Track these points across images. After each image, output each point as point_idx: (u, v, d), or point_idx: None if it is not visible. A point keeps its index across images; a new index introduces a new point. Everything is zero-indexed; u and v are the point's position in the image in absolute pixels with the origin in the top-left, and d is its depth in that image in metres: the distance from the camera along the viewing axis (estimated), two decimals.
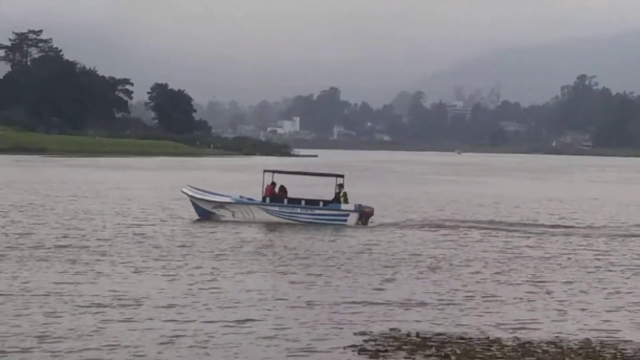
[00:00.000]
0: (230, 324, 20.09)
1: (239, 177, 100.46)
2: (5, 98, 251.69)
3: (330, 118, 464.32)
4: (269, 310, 21.97)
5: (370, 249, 34.32)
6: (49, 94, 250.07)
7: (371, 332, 19.98)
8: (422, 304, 23.42)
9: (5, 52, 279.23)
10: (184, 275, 26.77)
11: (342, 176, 45.85)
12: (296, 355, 17.95)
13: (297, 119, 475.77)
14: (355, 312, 22.03)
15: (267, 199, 44.72)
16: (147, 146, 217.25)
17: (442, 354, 17.95)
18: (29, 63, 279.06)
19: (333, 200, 44.95)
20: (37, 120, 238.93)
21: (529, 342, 19.23)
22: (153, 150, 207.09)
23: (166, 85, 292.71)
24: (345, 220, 43.49)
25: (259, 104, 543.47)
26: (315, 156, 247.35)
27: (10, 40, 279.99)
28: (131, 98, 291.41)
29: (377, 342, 18.95)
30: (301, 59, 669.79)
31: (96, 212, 46.84)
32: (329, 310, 22.10)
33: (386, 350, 18.29)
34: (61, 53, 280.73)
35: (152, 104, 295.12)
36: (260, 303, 22.74)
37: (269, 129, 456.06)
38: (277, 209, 44.18)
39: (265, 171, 46.00)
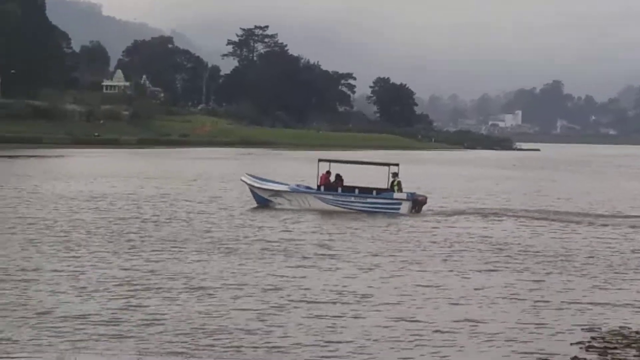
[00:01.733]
0: (458, 322, 20.02)
1: (458, 170, 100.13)
2: (232, 93, 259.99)
3: (552, 111, 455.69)
4: (491, 306, 21.86)
5: (594, 248, 33.37)
6: (274, 89, 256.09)
7: (599, 329, 19.64)
8: None
9: (233, 47, 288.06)
10: (412, 271, 26.89)
11: (397, 165, 46.05)
12: (523, 345, 17.92)
13: (519, 112, 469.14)
14: (580, 310, 21.65)
15: (322, 188, 45.29)
16: (368, 139, 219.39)
17: None
18: (255, 58, 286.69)
19: (387, 189, 45.19)
20: (263, 115, 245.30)
21: None
22: (374, 143, 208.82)
23: (388, 79, 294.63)
24: (398, 209, 43.78)
25: (480, 97, 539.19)
26: (538, 150, 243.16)
27: (237, 36, 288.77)
28: (354, 92, 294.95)
29: (605, 340, 18.61)
30: (523, 51, 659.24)
31: None
32: (553, 307, 21.81)
33: (615, 348, 17.94)
34: (286, 48, 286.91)
35: (374, 98, 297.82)
36: (486, 300, 22.64)
37: (490, 123, 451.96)
38: (331, 197, 44.82)
39: (320, 160, 46.43)
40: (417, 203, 44.53)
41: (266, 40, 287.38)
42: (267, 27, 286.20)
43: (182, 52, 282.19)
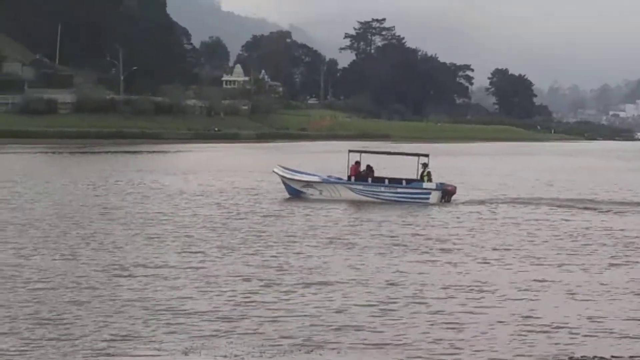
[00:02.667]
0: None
1: (587, 162, 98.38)
2: (350, 86, 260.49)
3: None
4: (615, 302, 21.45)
5: None
6: (392, 82, 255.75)
7: None
8: None
9: (351, 41, 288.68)
10: (534, 266, 26.57)
11: (427, 155, 46.44)
12: None
13: None
14: None
15: (352, 178, 45.81)
16: (487, 131, 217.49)
17: None
18: (372, 51, 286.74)
19: (417, 179, 45.63)
20: (380, 107, 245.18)
21: None
22: (493, 135, 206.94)
23: (506, 70, 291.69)
24: (428, 198, 44.34)
25: (600, 87, 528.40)
26: None
27: (355, 29, 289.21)
28: (472, 84, 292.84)
29: None
30: None
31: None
32: None
33: None
34: (403, 41, 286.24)
35: (492, 89, 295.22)
36: (609, 295, 22.21)
37: (610, 113, 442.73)
38: (361, 187, 45.47)
39: (350, 151, 47.21)
40: (447, 193, 45.05)
41: (383, 33, 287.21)
42: (384, 19, 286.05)
43: (300, 46, 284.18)
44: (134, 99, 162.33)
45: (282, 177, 47.04)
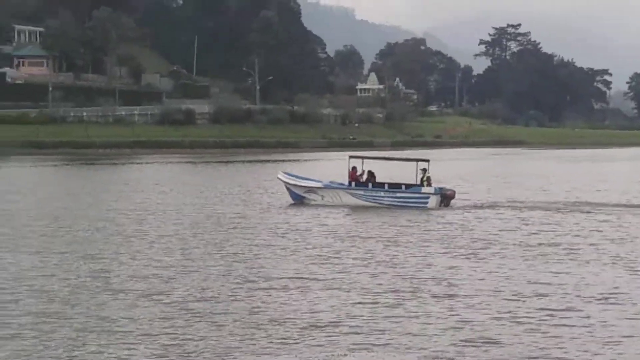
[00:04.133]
0: None
1: None
2: (485, 93, 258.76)
3: None
4: None
5: None
6: (528, 88, 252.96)
7: None
8: None
9: (486, 47, 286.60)
10: None
11: (427, 161, 46.76)
12: None
13: None
14: None
15: (353, 184, 46.29)
16: (625, 137, 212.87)
17: None
18: (508, 57, 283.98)
19: (415, 184, 46.03)
20: (516, 114, 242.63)
21: None
22: (631, 140, 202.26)
23: None
24: (426, 203, 44.68)
25: None
26: None
27: (490, 35, 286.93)
28: (610, 88, 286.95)
29: None
30: None
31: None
32: None
33: None
34: (539, 46, 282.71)
35: (631, 93, 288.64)
36: None
37: None
38: (362, 192, 45.99)
39: (350, 157, 47.86)
40: (446, 197, 45.39)
41: (519, 38, 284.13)
42: (519, 25, 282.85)
43: (434, 53, 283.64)
44: (269, 108, 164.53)
45: (286, 183, 47.75)
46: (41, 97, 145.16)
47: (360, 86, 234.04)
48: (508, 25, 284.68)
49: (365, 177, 46.69)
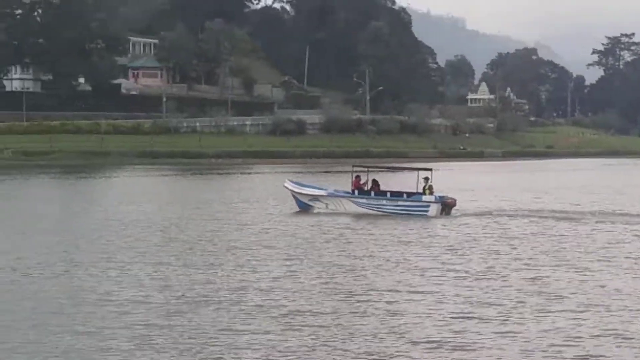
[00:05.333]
0: None
1: None
2: (598, 103, 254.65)
3: None
4: None
5: None
6: None
7: None
8: None
9: (598, 56, 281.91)
10: None
11: (430, 170, 47.62)
12: None
13: None
14: None
15: (356, 192, 47.28)
16: None
17: None
18: (621, 67, 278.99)
19: (417, 192, 46.66)
20: (630, 124, 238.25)
21: None
22: None
23: None
24: (427, 211, 45.23)
25: None
26: None
27: (602, 44, 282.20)
28: None
29: None
30: None
31: None
32: None
33: None
34: None
35: None
36: None
37: None
38: (364, 200, 46.87)
39: (354, 166, 49.97)
40: (446, 205, 45.85)
41: (633, 47, 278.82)
42: (633, 34, 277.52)
43: (546, 63, 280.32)
44: (379, 118, 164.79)
45: (292, 191, 48.85)
46: (155, 107, 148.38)
47: (471, 96, 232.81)
48: (621, 35, 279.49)
49: (369, 185, 47.78)
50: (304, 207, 47.83)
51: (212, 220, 42.43)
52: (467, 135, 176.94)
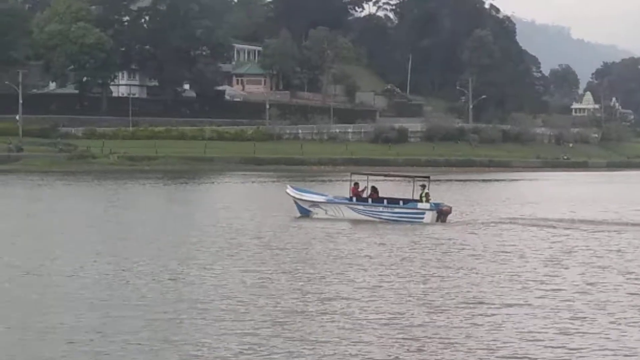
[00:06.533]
0: None
1: None
2: None
3: None
4: None
5: None
6: None
7: None
8: None
9: None
10: None
11: (427, 177, 49.20)
12: None
13: None
14: None
15: (354, 199, 48.11)
16: None
17: None
18: None
19: (413, 199, 47.50)
20: None
21: None
22: None
23: None
24: (422, 218, 45.94)
25: None
26: None
27: None
28: None
29: None
30: None
31: None
32: None
33: None
34: None
35: None
36: None
37: None
38: (362, 207, 47.72)
39: (352, 174, 51.87)
40: (442, 213, 46.42)
41: None
42: None
43: None
44: (482, 127, 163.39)
45: (293, 197, 49.72)
46: (258, 114, 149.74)
47: (575, 106, 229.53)
48: None
49: (368, 192, 48.46)
50: (305, 213, 48.81)
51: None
52: (570, 144, 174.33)
